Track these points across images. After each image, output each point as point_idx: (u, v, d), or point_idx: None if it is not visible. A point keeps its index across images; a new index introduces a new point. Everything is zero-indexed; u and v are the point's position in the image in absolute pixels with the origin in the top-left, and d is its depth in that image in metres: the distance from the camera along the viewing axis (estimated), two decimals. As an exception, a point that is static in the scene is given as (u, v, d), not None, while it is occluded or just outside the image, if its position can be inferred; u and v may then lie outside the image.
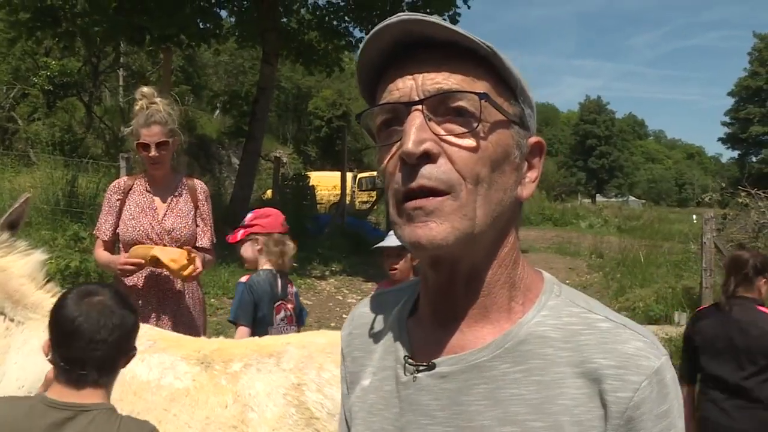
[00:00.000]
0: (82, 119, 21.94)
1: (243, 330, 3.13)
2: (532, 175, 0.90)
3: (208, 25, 13.37)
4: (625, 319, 0.86)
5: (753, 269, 3.26)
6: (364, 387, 0.97)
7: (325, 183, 19.67)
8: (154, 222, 3.28)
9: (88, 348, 1.53)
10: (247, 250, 3.35)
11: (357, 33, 14.63)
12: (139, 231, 3.26)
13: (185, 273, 3.10)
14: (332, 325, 7.92)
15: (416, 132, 0.80)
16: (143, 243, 3.25)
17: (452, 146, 0.81)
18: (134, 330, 1.64)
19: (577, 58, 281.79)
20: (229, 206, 11.75)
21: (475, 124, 0.81)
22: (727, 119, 51.63)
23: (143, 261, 3.14)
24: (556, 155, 75.65)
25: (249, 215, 3.43)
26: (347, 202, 16.34)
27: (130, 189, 3.35)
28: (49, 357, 1.60)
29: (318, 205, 17.53)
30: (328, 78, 17.14)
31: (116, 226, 3.31)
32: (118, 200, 3.33)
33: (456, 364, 0.86)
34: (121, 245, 3.34)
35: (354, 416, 0.98)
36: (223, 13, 14.47)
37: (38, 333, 2.19)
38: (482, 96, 0.81)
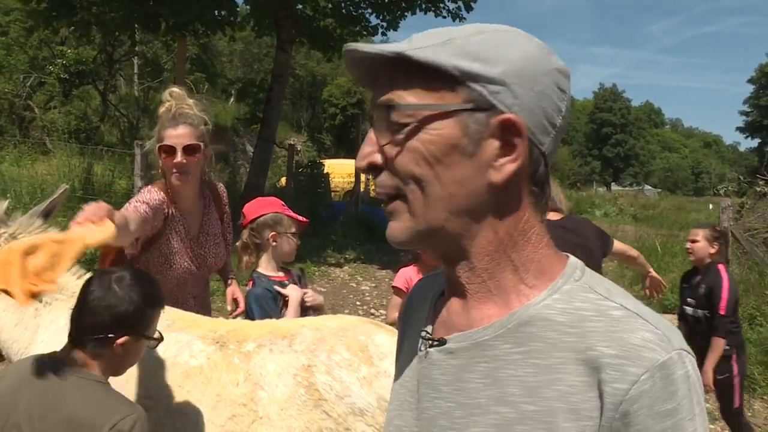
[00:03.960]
0: (97, 107, 22.10)
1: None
2: (512, 156, 0.82)
3: (223, 12, 13.36)
4: (644, 308, 0.82)
5: None
6: (401, 361, 1.02)
7: (340, 171, 19.67)
8: (192, 254, 2.86)
9: (82, 314, 1.72)
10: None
11: (373, 19, 14.56)
12: (182, 269, 2.84)
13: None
14: (346, 312, 7.95)
15: (364, 146, 0.89)
16: (186, 280, 2.87)
17: (390, 153, 0.86)
18: (128, 314, 1.72)
19: (593, 45, 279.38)
20: (244, 194, 11.80)
21: (400, 132, 0.85)
22: (746, 108, 50.99)
23: None
24: (570, 144, 75.27)
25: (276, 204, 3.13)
26: (362, 189, 16.30)
27: (170, 218, 2.77)
28: None
29: (332, 193, 17.55)
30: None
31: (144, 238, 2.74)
32: (161, 219, 2.72)
33: (462, 341, 0.88)
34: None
35: (393, 386, 1.02)
36: (239, 0, 14.47)
37: (64, 313, 2.26)
38: (389, 108, 0.85)
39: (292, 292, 2.93)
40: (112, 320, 1.70)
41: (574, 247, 3.60)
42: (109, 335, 1.70)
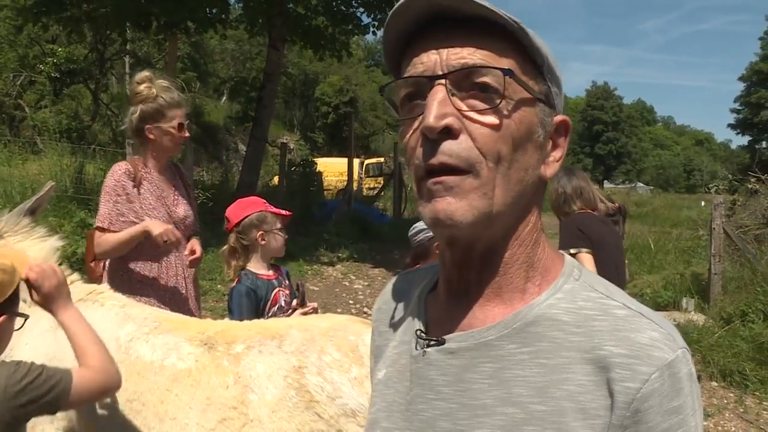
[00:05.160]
0: (88, 106, 21.97)
1: None
2: (557, 154, 0.89)
3: (214, 10, 13.30)
4: (645, 308, 0.83)
5: None
6: (385, 360, 0.98)
7: (332, 169, 19.69)
8: (169, 210, 3.16)
9: None
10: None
11: (365, 18, 14.56)
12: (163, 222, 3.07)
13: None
14: (338, 310, 7.93)
15: (438, 106, 0.79)
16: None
17: (474, 123, 0.80)
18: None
19: (585, 43, 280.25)
20: (236, 192, 11.77)
21: (498, 101, 0.80)
22: (737, 105, 51.23)
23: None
24: (563, 141, 75.44)
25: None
26: (354, 188, 16.31)
27: (141, 179, 3.11)
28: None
29: (325, 192, 17.54)
30: (339, 62, 17.07)
31: (135, 216, 3.04)
32: (134, 188, 3.08)
33: (464, 341, 0.86)
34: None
35: (374, 388, 0.99)
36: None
37: (48, 314, 2.23)
38: (507, 72, 0.79)
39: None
40: None
41: (616, 245, 3.71)
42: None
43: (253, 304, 2.91)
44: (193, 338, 2.16)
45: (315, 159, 19.69)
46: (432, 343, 0.89)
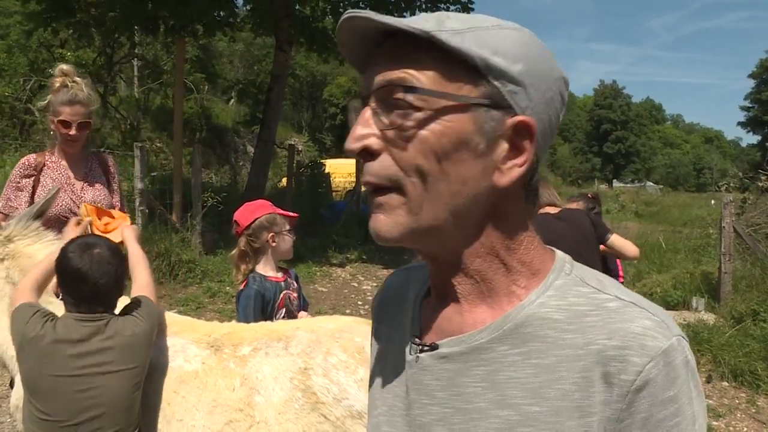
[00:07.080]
0: (97, 110, 22.03)
1: None
2: (519, 159, 0.81)
3: (222, 13, 13.32)
4: (638, 297, 0.81)
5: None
6: (383, 362, 0.98)
7: (341, 170, 19.67)
8: (74, 196, 3.34)
9: (94, 290, 2.00)
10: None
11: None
12: (61, 206, 3.27)
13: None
14: (347, 311, 7.94)
15: (358, 128, 0.80)
16: (66, 218, 3.18)
17: (393, 140, 0.79)
18: (124, 275, 2.13)
19: (593, 42, 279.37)
20: (245, 195, 11.79)
21: (409, 117, 0.78)
22: (747, 103, 50.93)
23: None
24: (571, 141, 75.35)
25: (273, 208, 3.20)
26: (363, 189, 16.27)
27: (43, 166, 3.37)
28: (60, 297, 2.12)
29: (333, 193, 17.55)
30: (342, 65, 17.10)
31: (30, 203, 3.24)
32: (31, 177, 3.34)
33: (456, 346, 0.85)
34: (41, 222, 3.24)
35: (374, 389, 0.99)
36: (239, 2, 14.44)
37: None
38: (407, 90, 0.78)
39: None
40: (118, 283, 2.09)
41: (571, 238, 3.75)
42: (121, 293, 2.14)
43: (260, 307, 2.92)
44: (199, 340, 2.17)
45: (323, 160, 19.70)
46: (425, 348, 0.88)
